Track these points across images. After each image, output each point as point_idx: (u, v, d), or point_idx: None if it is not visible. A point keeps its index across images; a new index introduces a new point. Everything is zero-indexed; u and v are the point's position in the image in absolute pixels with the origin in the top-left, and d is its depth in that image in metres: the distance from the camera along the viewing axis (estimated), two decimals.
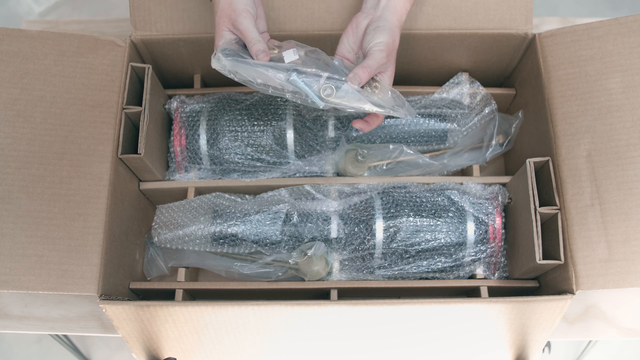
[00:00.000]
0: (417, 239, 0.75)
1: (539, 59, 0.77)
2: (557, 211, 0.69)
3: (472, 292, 0.81)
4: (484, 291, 0.76)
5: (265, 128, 0.80)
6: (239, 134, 0.80)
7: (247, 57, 0.64)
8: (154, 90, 0.78)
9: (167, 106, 0.84)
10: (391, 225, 0.75)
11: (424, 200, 0.77)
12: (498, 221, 0.77)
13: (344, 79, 0.63)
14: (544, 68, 0.76)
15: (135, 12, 0.78)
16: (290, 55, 0.65)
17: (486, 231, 0.76)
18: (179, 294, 0.77)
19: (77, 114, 0.72)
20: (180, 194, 0.83)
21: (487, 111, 0.85)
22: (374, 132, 0.84)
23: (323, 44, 0.82)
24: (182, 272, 0.79)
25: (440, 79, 0.89)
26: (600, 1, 1.79)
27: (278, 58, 0.65)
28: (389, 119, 0.84)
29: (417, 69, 0.88)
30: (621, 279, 0.65)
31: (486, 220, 0.76)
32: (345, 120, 0.84)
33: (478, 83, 0.86)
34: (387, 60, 0.66)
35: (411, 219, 0.75)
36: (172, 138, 0.82)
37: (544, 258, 0.68)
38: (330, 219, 0.78)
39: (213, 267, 0.80)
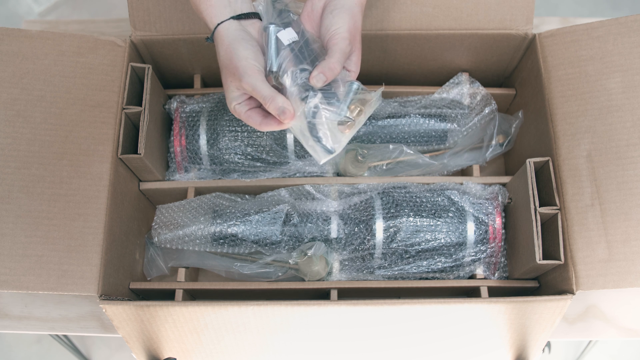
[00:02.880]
0: (417, 239, 0.75)
1: (539, 59, 0.77)
2: (557, 211, 0.69)
3: (472, 292, 0.81)
4: (484, 291, 0.76)
5: None
6: (239, 134, 0.80)
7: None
8: (154, 91, 0.78)
9: (167, 106, 0.84)
10: (391, 225, 0.75)
11: (424, 200, 0.77)
12: (498, 221, 0.77)
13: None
14: (544, 68, 0.76)
15: (134, 12, 0.78)
16: (289, 34, 0.60)
17: (486, 231, 0.76)
18: (179, 294, 0.77)
19: (77, 114, 0.72)
20: (180, 194, 0.83)
21: (487, 111, 0.85)
22: (374, 132, 0.84)
23: None
24: (182, 272, 0.79)
25: (440, 79, 0.89)
26: (600, 1, 1.79)
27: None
28: (389, 119, 0.84)
29: (417, 69, 0.88)
30: (621, 279, 0.65)
31: (486, 220, 0.76)
32: None
33: (478, 83, 0.86)
34: (351, 47, 0.60)
35: (411, 219, 0.75)
36: (172, 138, 0.82)
37: (544, 258, 0.68)
38: (330, 219, 0.78)
39: (213, 267, 0.80)
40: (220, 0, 0.60)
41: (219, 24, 0.60)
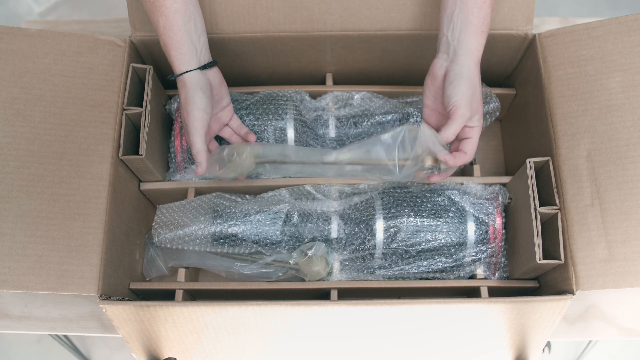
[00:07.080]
0: (418, 239, 0.75)
1: (539, 59, 0.77)
2: (557, 211, 0.69)
3: (472, 292, 0.81)
4: (484, 291, 0.76)
5: (265, 128, 0.80)
6: None
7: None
8: (155, 91, 0.78)
9: (167, 107, 0.84)
10: (391, 225, 0.75)
11: (425, 200, 0.77)
12: (498, 221, 0.77)
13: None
14: (544, 68, 0.76)
15: (133, 12, 0.78)
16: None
17: (486, 231, 0.76)
18: (179, 294, 0.77)
19: (76, 114, 0.72)
20: (180, 194, 0.83)
21: (492, 107, 0.84)
22: (372, 133, 0.84)
23: (322, 45, 0.82)
24: (182, 272, 0.79)
25: None
26: (600, 1, 1.79)
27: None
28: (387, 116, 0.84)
29: (417, 69, 0.88)
30: (621, 279, 0.65)
31: (486, 221, 0.76)
32: (344, 119, 0.84)
33: None
34: (470, 113, 0.67)
35: (411, 219, 0.75)
36: (172, 138, 0.82)
37: (544, 258, 0.68)
38: (330, 219, 0.78)
39: (213, 267, 0.80)
40: (189, 50, 0.69)
41: (186, 72, 0.69)
